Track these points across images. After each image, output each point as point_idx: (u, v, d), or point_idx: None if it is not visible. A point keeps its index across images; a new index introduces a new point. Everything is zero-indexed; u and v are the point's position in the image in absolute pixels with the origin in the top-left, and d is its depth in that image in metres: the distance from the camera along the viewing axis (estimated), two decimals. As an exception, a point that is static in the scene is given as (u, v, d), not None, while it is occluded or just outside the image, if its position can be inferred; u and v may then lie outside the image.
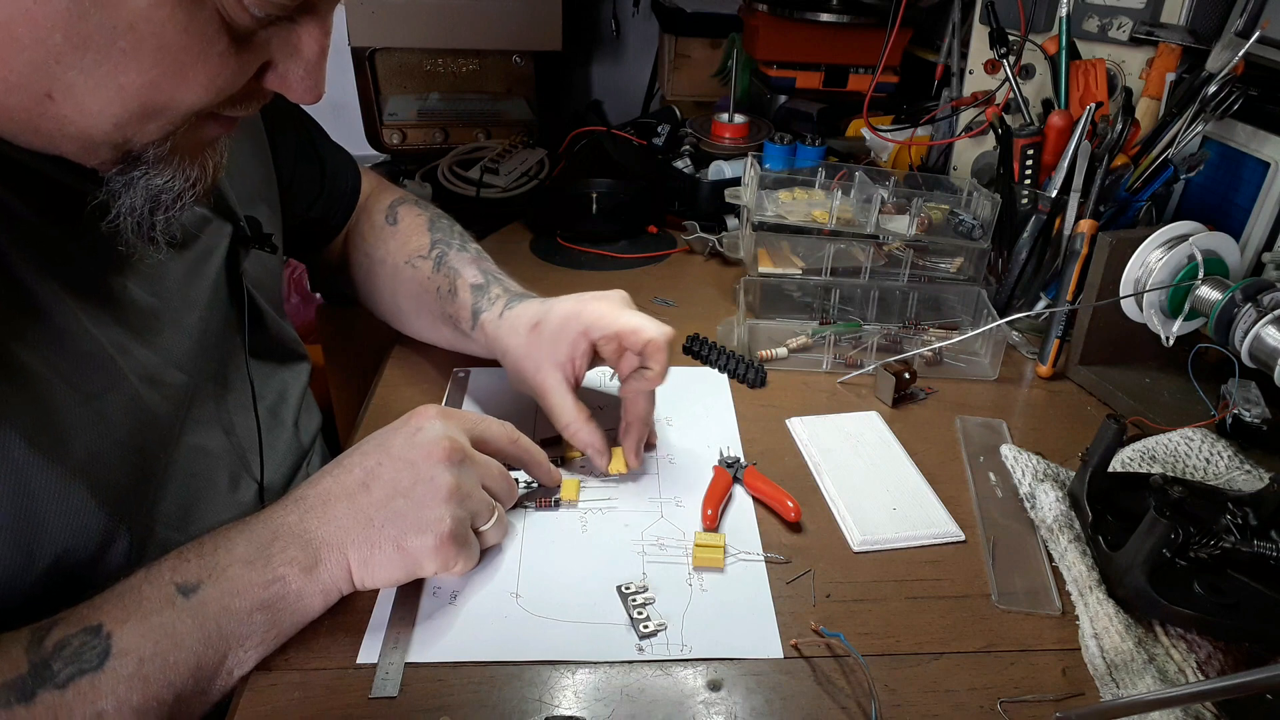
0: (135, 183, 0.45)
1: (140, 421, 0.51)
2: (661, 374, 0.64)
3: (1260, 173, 0.83)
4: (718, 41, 1.36)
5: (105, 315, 0.50)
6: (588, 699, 0.49)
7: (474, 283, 0.73)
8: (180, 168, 0.46)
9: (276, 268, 0.71)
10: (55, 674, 0.42)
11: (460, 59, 1.29)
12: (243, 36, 0.41)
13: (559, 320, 0.66)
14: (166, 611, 0.45)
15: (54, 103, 0.39)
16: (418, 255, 0.77)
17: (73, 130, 0.41)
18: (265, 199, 0.69)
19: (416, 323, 0.80)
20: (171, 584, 0.46)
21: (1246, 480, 0.65)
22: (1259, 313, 0.68)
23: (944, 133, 1.10)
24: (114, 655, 0.43)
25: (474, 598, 0.56)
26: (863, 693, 0.50)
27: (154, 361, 0.53)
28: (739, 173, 1.09)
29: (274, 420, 0.68)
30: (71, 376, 0.47)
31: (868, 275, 0.90)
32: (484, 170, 1.16)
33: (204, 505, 0.57)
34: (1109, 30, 0.91)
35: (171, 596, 0.46)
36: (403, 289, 0.78)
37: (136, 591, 0.46)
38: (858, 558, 0.61)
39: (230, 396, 0.62)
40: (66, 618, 0.44)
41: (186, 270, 0.57)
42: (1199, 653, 0.53)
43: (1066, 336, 0.84)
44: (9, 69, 0.38)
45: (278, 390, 0.70)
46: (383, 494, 0.52)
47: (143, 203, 0.45)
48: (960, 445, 0.74)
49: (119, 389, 0.50)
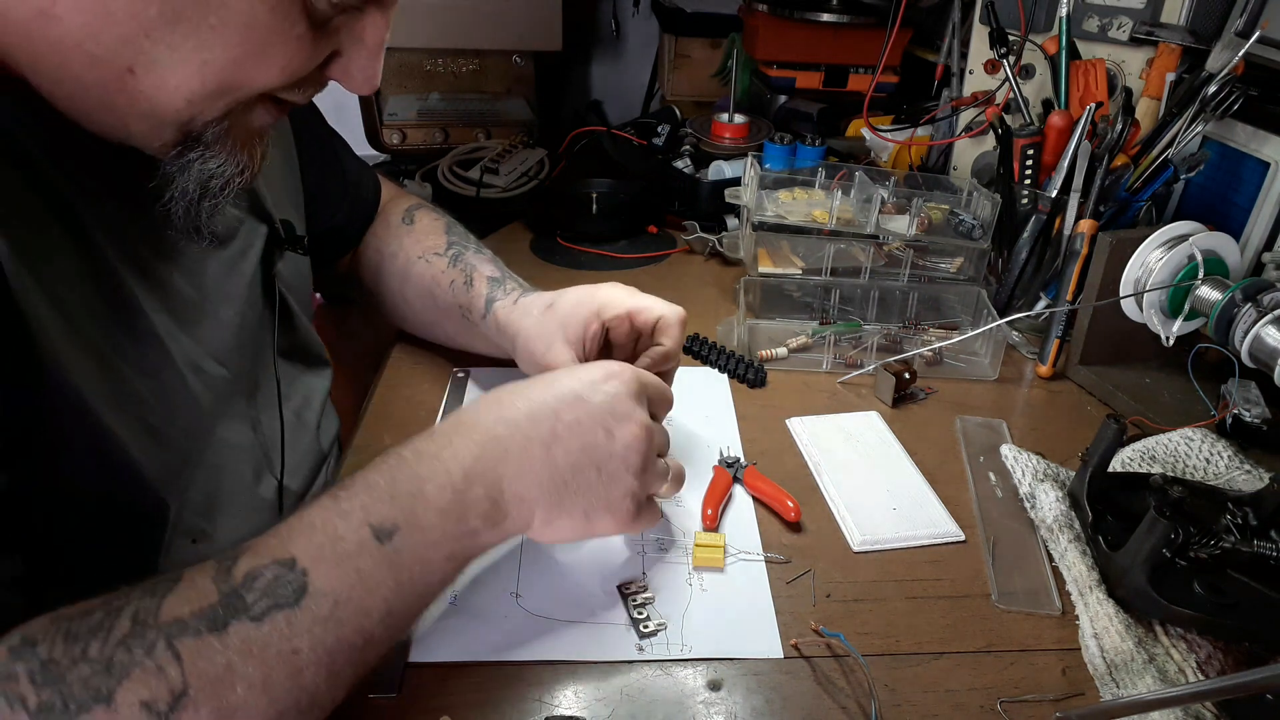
0: (190, 166, 0.45)
1: (185, 405, 0.52)
2: (676, 349, 0.65)
3: (1260, 173, 0.83)
4: (718, 41, 1.36)
5: (155, 300, 0.50)
6: (588, 699, 0.49)
7: (490, 276, 0.75)
8: (233, 153, 0.46)
9: (307, 272, 0.72)
10: (249, 606, 0.40)
11: (460, 59, 1.29)
12: (319, 22, 0.43)
13: (572, 301, 0.67)
14: (363, 556, 0.44)
15: (134, 77, 0.40)
16: (432, 252, 0.79)
17: (146, 107, 0.41)
18: (294, 205, 0.70)
19: (420, 316, 0.81)
20: (366, 525, 0.44)
21: (1246, 480, 0.65)
22: (1259, 313, 0.68)
23: (944, 133, 1.10)
24: (310, 594, 0.41)
25: (474, 598, 0.56)
26: (863, 693, 0.50)
27: (196, 351, 0.54)
28: (739, 173, 1.09)
29: (298, 422, 0.68)
30: (130, 353, 0.47)
31: (868, 275, 0.90)
32: (484, 170, 1.16)
33: (226, 497, 0.57)
34: (1109, 30, 0.91)
35: (367, 540, 0.44)
36: (411, 283, 0.79)
37: (329, 528, 0.44)
38: (858, 558, 0.61)
39: (259, 394, 0.63)
40: (252, 547, 0.43)
41: (224, 267, 0.58)
42: (1199, 653, 0.53)
43: (1066, 336, 0.84)
44: (97, 43, 0.38)
45: (303, 394, 0.71)
46: (577, 456, 0.51)
47: (194, 187, 0.46)
48: (960, 445, 0.74)
49: (171, 370, 0.51)
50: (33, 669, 0.36)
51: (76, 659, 0.37)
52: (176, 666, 0.38)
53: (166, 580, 0.41)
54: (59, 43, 0.39)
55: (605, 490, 0.52)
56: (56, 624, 0.38)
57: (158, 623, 0.39)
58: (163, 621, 0.39)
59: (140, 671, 0.37)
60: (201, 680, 0.38)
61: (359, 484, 0.46)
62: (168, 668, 0.37)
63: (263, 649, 0.40)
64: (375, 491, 0.46)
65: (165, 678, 0.37)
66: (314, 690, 0.41)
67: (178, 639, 0.38)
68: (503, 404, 0.52)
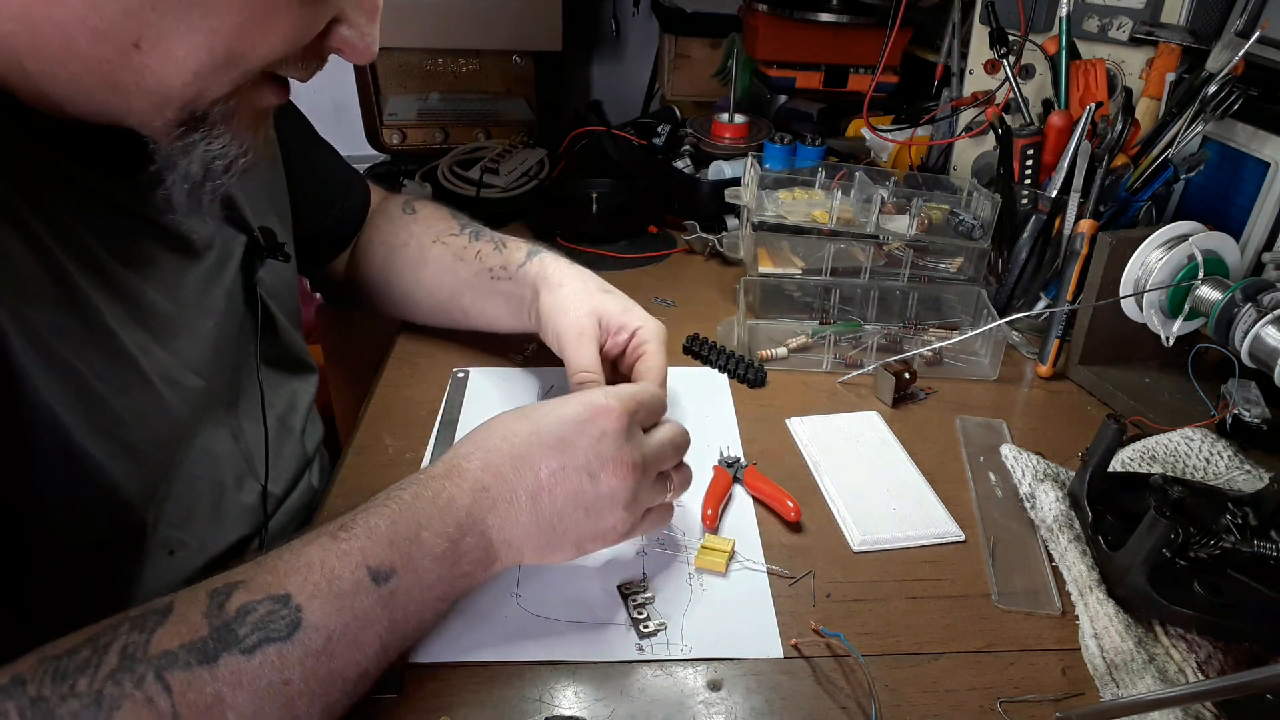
0: (194, 147, 0.45)
1: (162, 420, 0.52)
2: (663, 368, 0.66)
3: (1260, 173, 0.83)
4: (718, 41, 1.36)
5: (126, 316, 0.50)
6: (588, 699, 0.49)
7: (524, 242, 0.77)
8: (237, 133, 0.47)
9: (291, 278, 0.72)
10: (241, 639, 0.41)
11: (460, 59, 1.29)
12: None
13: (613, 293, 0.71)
14: (359, 596, 0.45)
15: (139, 52, 0.40)
16: (448, 234, 0.80)
17: (151, 82, 0.42)
18: (277, 211, 0.70)
19: (435, 296, 0.81)
20: (364, 567, 0.45)
21: (1246, 480, 0.65)
22: (1259, 313, 0.68)
23: (944, 133, 1.10)
24: (304, 628, 0.42)
25: (474, 598, 0.55)
26: (863, 693, 0.50)
27: (172, 364, 0.53)
28: (739, 173, 1.09)
29: (282, 428, 0.69)
30: (103, 371, 0.47)
31: (868, 275, 0.90)
32: (484, 170, 1.15)
33: (205, 507, 0.57)
34: (1109, 30, 0.91)
35: (363, 581, 0.45)
36: (429, 266, 0.80)
37: (327, 567, 0.45)
38: (858, 558, 0.61)
39: (241, 403, 0.63)
40: (244, 582, 0.43)
41: (202, 278, 0.58)
42: (1199, 653, 0.53)
43: (1066, 336, 0.84)
44: (100, 16, 0.39)
45: (288, 399, 0.71)
46: (563, 504, 0.51)
47: (198, 169, 0.46)
48: (960, 445, 0.74)
49: (144, 387, 0.51)
50: (23, 706, 0.37)
51: (65, 695, 0.37)
52: (166, 698, 0.38)
53: (156, 614, 0.41)
54: (63, 23, 0.39)
55: (594, 525, 0.52)
56: (44, 663, 0.38)
57: (147, 656, 0.39)
58: (152, 655, 0.39)
59: (130, 704, 0.37)
60: (191, 710, 0.38)
61: (360, 526, 0.47)
62: (157, 699, 0.38)
63: (254, 680, 0.40)
64: (375, 535, 0.47)
65: (155, 708, 0.38)
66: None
67: (167, 671, 0.39)
68: (490, 449, 0.52)
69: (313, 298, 1.10)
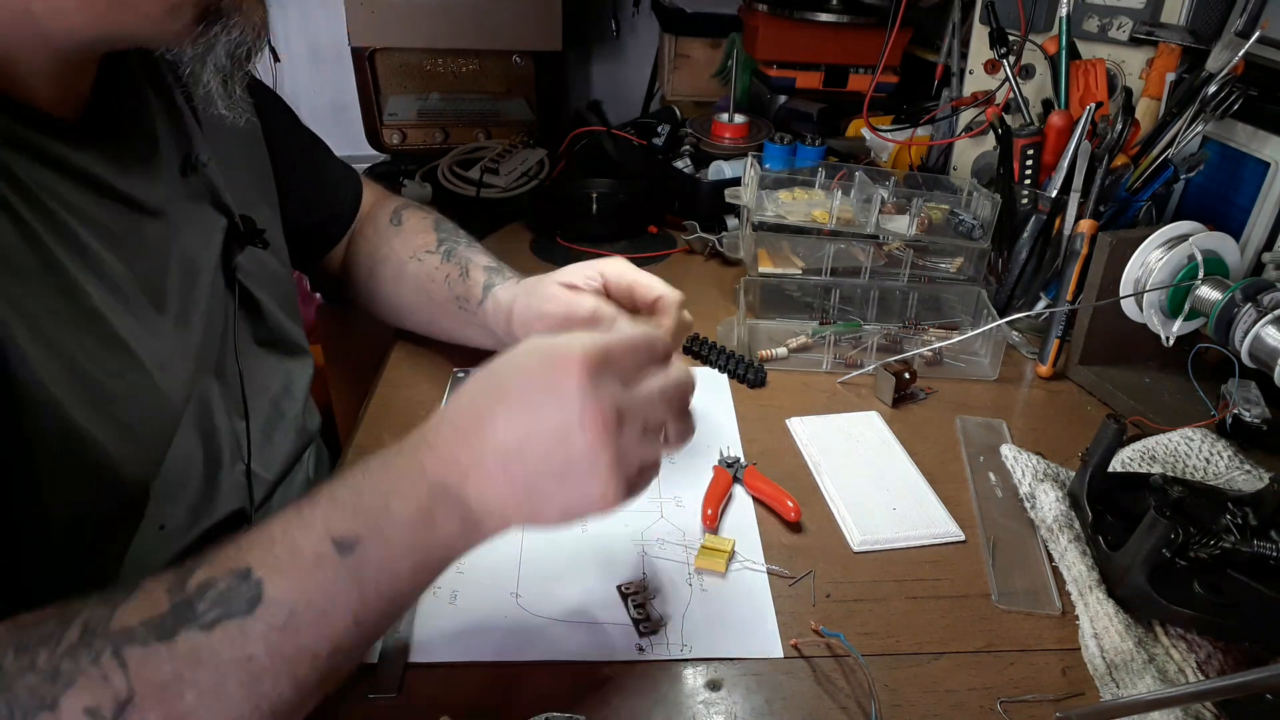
0: (216, 41, 0.48)
1: (155, 403, 0.52)
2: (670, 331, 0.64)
3: (1260, 173, 0.83)
4: (718, 41, 1.36)
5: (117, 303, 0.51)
6: (588, 699, 0.49)
7: (488, 265, 0.76)
8: (248, 17, 0.49)
9: (277, 266, 0.72)
10: (199, 615, 0.40)
11: (460, 59, 1.29)
12: None
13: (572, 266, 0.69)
14: (322, 568, 0.43)
15: None
16: (424, 250, 0.79)
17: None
18: (267, 202, 0.70)
19: (417, 314, 0.81)
20: (328, 538, 0.43)
21: (1246, 480, 0.65)
22: (1259, 313, 0.68)
23: (944, 133, 1.10)
24: (265, 602, 0.41)
25: (474, 598, 0.56)
26: (863, 693, 0.50)
27: (163, 348, 0.54)
28: (739, 173, 1.09)
29: (276, 412, 0.68)
30: (96, 353, 0.48)
31: (868, 275, 0.90)
32: (484, 170, 1.16)
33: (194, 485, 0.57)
34: (1109, 30, 0.91)
35: (327, 553, 0.43)
36: (406, 283, 0.79)
37: (289, 539, 0.43)
38: (858, 558, 0.61)
39: (228, 387, 0.63)
40: (210, 560, 0.42)
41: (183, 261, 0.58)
42: (1199, 653, 0.53)
43: (1066, 336, 0.84)
44: None
45: (283, 382, 0.70)
46: (535, 468, 0.45)
47: (225, 59, 0.49)
48: (960, 445, 0.74)
49: (137, 371, 0.51)
50: None
51: (25, 668, 0.37)
52: (122, 674, 0.38)
53: (124, 590, 0.41)
54: None
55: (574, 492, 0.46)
56: (11, 634, 0.39)
57: (107, 632, 0.39)
58: (112, 631, 0.39)
59: (85, 679, 0.37)
60: (148, 687, 0.38)
61: (323, 496, 0.45)
62: (113, 675, 0.38)
63: (213, 656, 0.40)
64: (338, 504, 0.45)
65: (110, 685, 0.38)
66: (275, 696, 0.41)
67: (125, 648, 0.38)
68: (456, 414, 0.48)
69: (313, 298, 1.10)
